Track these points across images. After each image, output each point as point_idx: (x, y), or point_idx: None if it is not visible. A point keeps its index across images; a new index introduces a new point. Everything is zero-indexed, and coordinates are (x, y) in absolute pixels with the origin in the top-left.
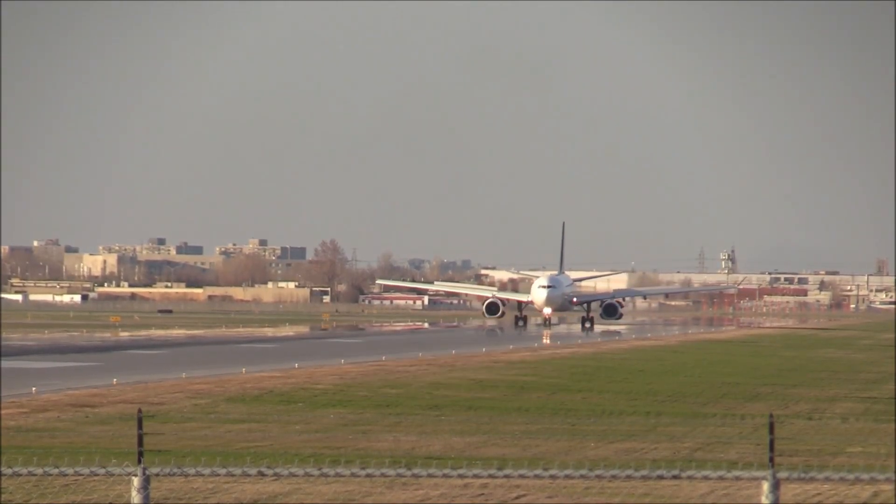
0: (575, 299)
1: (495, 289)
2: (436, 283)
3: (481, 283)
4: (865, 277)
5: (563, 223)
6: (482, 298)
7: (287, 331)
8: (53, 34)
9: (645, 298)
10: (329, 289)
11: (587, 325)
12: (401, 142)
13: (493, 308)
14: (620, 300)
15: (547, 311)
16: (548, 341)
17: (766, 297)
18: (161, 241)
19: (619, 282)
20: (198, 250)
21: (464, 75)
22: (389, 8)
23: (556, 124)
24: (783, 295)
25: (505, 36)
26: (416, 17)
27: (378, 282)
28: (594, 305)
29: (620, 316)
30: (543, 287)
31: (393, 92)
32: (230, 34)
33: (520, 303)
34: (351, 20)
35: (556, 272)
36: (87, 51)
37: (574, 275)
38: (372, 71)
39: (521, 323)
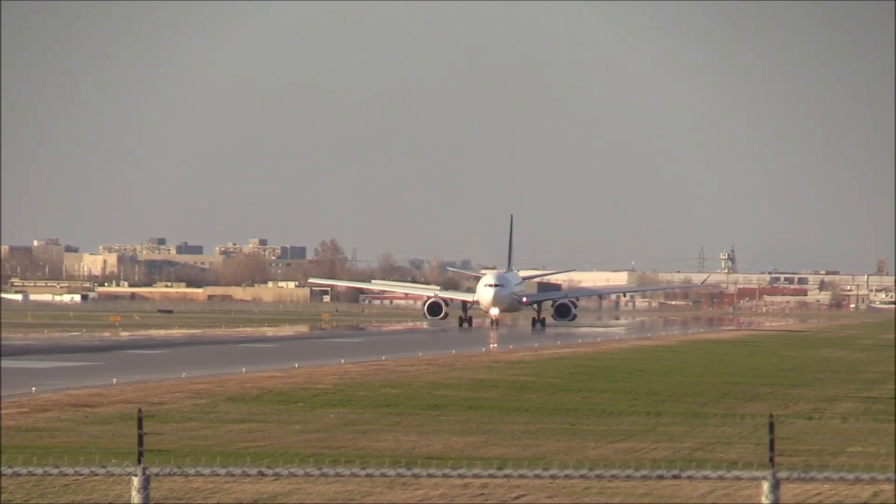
0: (525, 299)
1: (438, 287)
2: (372, 281)
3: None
4: (865, 277)
5: (511, 216)
6: (424, 298)
7: (287, 330)
8: (53, 34)
9: (601, 297)
10: (329, 288)
11: (537, 326)
12: (401, 142)
13: (434, 309)
14: (574, 300)
15: (494, 311)
16: (495, 345)
17: (766, 297)
18: (161, 241)
19: (618, 280)
20: (198, 250)
21: (464, 75)
22: (390, 8)
23: (556, 124)
24: (783, 295)
25: (505, 36)
26: (416, 17)
27: (310, 280)
28: (546, 305)
29: (574, 317)
30: (490, 286)
31: (393, 91)
32: (229, 35)
33: (464, 303)
34: (351, 20)
35: (503, 270)
36: (87, 51)
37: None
38: (372, 70)
39: (465, 324)
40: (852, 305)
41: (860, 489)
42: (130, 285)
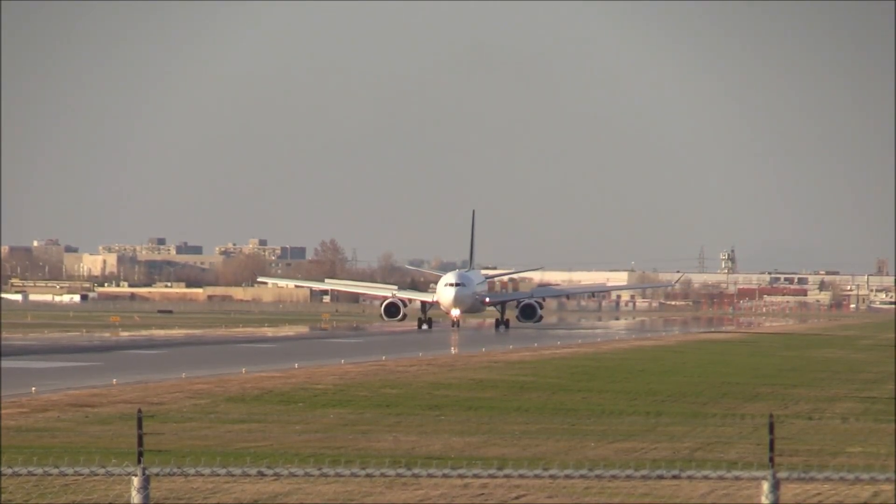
0: (487, 299)
1: (395, 287)
2: (326, 280)
3: None
4: (865, 277)
5: (474, 211)
6: (381, 298)
7: (287, 331)
8: (53, 34)
9: (568, 298)
10: (329, 289)
11: (501, 328)
12: (401, 141)
13: (392, 310)
14: (540, 300)
15: (455, 312)
16: (455, 349)
17: (766, 297)
18: (161, 241)
19: (618, 279)
20: (198, 250)
21: (465, 75)
22: (390, 8)
23: (556, 124)
24: (783, 295)
25: (507, 35)
26: (416, 17)
27: (259, 279)
28: (510, 306)
29: (540, 318)
30: (451, 285)
31: (393, 91)
32: (228, 35)
33: (424, 303)
34: (351, 19)
35: (464, 270)
36: (87, 51)
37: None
38: (372, 70)
39: (425, 326)
40: (852, 305)
41: (860, 489)
42: (130, 285)
